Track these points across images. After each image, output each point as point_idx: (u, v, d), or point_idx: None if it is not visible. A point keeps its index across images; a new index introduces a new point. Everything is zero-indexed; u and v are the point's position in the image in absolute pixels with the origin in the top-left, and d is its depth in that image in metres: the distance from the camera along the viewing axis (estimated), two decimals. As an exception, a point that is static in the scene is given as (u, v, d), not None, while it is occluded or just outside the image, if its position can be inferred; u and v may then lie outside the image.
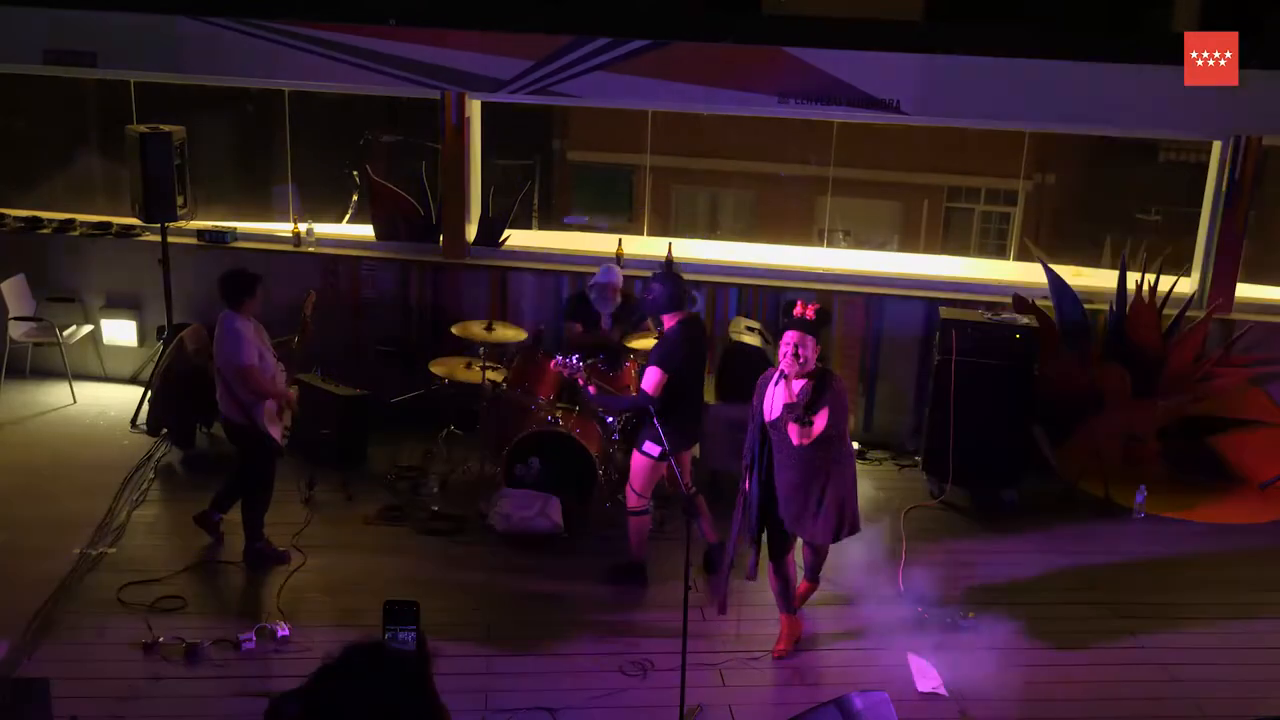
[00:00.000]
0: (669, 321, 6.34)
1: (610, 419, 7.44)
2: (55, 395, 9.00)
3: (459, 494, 7.61)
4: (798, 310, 5.62)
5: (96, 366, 9.38)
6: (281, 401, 6.59)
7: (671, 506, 7.28)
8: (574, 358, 6.36)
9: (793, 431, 5.56)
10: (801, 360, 5.53)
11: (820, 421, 5.54)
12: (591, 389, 6.44)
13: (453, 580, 6.65)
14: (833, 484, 5.71)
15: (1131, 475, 8.04)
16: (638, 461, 6.42)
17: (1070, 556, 7.24)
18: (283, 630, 5.95)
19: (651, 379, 6.18)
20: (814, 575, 6.33)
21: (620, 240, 8.94)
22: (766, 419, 5.68)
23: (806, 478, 5.68)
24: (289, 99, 9.49)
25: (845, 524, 5.85)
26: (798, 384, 5.56)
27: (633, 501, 6.54)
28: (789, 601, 6.07)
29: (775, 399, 5.66)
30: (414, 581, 6.54)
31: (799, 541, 6.08)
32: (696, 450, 7.17)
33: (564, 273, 8.88)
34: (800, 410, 5.50)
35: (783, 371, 5.58)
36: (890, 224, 13.25)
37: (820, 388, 5.55)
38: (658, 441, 6.18)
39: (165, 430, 8.17)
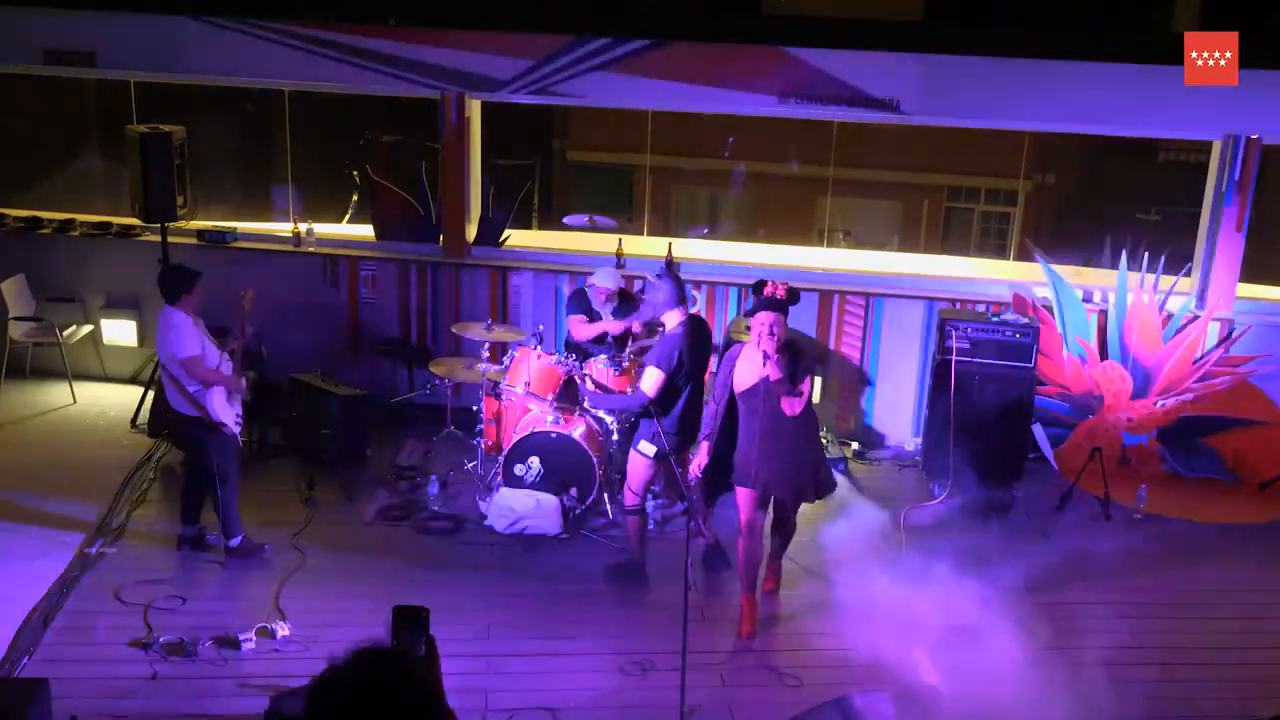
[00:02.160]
0: (671, 320, 6.35)
1: (612, 419, 7.44)
2: (55, 395, 8.99)
3: (459, 494, 7.61)
4: (768, 290, 5.81)
5: (96, 366, 9.37)
6: (231, 390, 6.56)
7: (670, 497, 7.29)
8: (571, 357, 6.36)
9: (788, 405, 5.80)
10: (776, 338, 5.76)
11: (806, 388, 5.85)
12: (588, 387, 6.45)
13: (452, 580, 6.64)
14: (809, 446, 6.04)
15: (1131, 475, 8.04)
16: (634, 461, 6.45)
17: (1070, 556, 7.23)
18: (283, 630, 5.95)
19: (650, 380, 6.22)
20: (780, 554, 6.55)
21: (620, 240, 8.94)
22: (738, 390, 5.95)
23: (792, 443, 5.94)
24: (289, 99, 9.49)
25: (820, 484, 6.15)
26: (775, 359, 5.72)
27: (630, 501, 6.57)
28: (752, 580, 6.20)
29: (745, 372, 5.90)
30: (414, 581, 6.54)
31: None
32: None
33: (564, 272, 8.88)
34: (788, 384, 5.75)
35: (764, 352, 5.72)
36: (890, 224, 13.28)
37: (795, 357, 5.81)
38: (654, 442, 6.21)
39: (166, 432, 8.10)
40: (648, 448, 6.30)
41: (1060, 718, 5.68)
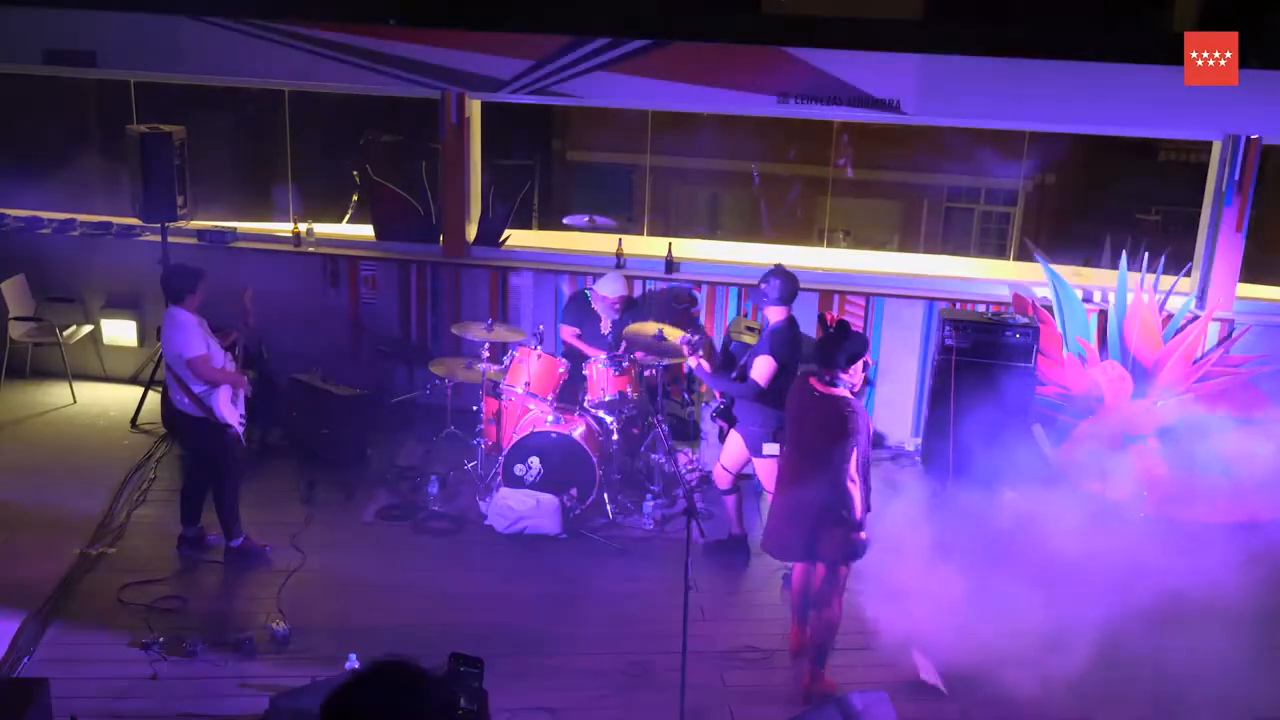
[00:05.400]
0: (775, 316, 6.41)
1: (612, 419, 7.45)
2: (55, 395, 9.00)
3: (459, 494, 7.62)
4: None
5: (96, 366, 9.38)
6: (236, 387, 6.55)
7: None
8: (697, 336, 6.53)
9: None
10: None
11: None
12: (706, 367, 6.51)
13: (452, 580, 6.65)
14: None
15: (1131, 475, 8.03)
16: (734, 442, 6.62)
17: (1069, 557, 7.22)
18: (283, 630, 5.95)
19: (764, 368, 6.27)
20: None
21: (620, 240, 8.94)
22: None
23: None
24: (289, 99, 9.49)
25: None
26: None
27: (725, 482, 6.80)
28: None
29: None
30: (413, 582, 6.54)
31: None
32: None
33: (564, 272, 8.88)
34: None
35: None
36: (890, 224, 13.27)
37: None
38: (776, 439, 6.26)
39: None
40: (771, 448, 6.33)
41: (1061, 716, 5.69)
